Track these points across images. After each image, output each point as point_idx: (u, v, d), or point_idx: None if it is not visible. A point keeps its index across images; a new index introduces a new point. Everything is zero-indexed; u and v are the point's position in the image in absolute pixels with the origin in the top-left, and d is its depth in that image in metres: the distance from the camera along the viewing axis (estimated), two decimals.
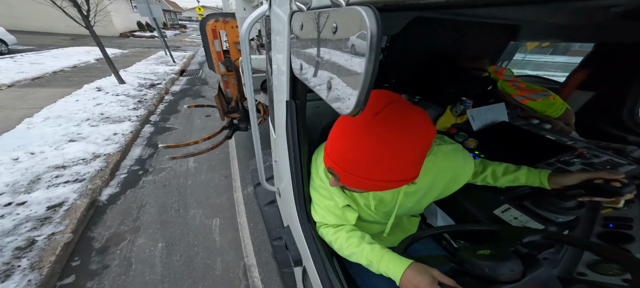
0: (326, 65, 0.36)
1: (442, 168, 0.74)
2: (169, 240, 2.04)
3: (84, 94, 4.71)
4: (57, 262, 1.73)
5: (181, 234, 2.10)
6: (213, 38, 2.32)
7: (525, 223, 0.85)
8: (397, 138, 0.49)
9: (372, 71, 0.26)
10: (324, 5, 0.40)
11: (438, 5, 0.41)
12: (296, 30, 0.49)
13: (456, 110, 1.41)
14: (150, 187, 2.60)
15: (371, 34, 0.25)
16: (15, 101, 4.39)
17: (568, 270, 0.86)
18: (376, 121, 0.49)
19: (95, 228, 2.10)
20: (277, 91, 0.79)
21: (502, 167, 0.87)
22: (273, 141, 1.09)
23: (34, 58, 7.40)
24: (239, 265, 1.88)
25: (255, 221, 2.27)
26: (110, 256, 1.88)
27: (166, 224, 2.18)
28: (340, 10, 0.31)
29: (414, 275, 0.56)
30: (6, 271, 1.55)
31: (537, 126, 1.38)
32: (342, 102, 0.32)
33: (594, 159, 1.02)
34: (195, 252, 1.96)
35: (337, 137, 0.57)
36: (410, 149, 0.51)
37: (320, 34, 0.36)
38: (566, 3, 0.68)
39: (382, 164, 0.51)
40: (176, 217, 2.26)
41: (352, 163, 0.54)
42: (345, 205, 0.73)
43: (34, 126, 3.38)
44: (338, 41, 0.32)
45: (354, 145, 0.52)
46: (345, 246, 0.70)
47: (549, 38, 1.63)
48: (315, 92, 0.41)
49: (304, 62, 0.45)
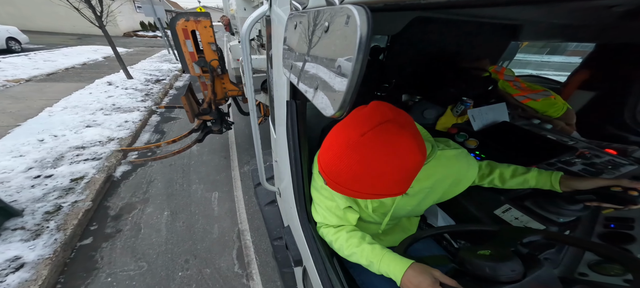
0: (314, 65, 0.35)
1: (444, 174, 0.74)
2: (173, 209, 2.36)
3: (96, 87, 5.11)
4: (79, 225, 2.05)
5: (184, 205, 2.42)
6: (185, 38, 2.18)
7: (526, 223, 0.85)
8: (379, 160, 0.49)
9: (359, 72, 0.25)
10: (319, 5, 0.40)
11: (438, 5, 0.40)
12: (291, 29, 0.49)
13: (457, 110, 1.41)
14: (158, 166, 2.93)
15: (360, 33, 0.24)
16: (35, 93, 4.80)
17: (569, 270, 0.86)
18: (361, 141, 0.50)
19: (110, 198, 2.45)
20: (278, 91, 0.79)
21: (511, 169, 0.84)
22: (273, 141, 1.09)
23: (47, 56, 7.84)
24: (233, 230, 2.18)
25: (250, 195, 2.59)
26: (122, 222, 2.20)
27: (171, 196, 2.52)
28: (333, 10, 0.30)
29: (415, 275, 0.56)
30: (37, 230, 1.89)
31: (538, 126, 1.37)
32: (327, 103, 0.31)
33: (595, 160, 1.01)
34: (196, 219, 2.26)
35: (326, 147, 0.58)
36: (391, 172, 0.51)
37: (312, 33, 0.36)
38: (567, 3, 0.68)
39: (362, 182, 0.52)
40: (180, 191, 2.60)
41: (335, 175, 0.55)
42: (346, 206, 0.73)
43: (54, 114, 3.82)
44: (329, 40, 0.31)
45: (338, 160, 0.53)
46: (346, 247, 0.70)
47: (550, 38, 1.63)
48: (302, 92, 0.40)
49: (294, 62, 0.45)
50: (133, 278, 1.77)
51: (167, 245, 2.02)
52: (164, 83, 5.85)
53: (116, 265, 1.85)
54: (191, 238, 2.09)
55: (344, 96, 0.27)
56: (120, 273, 1.79)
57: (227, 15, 5.69)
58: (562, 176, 0.77)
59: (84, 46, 10.26)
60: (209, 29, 2.19)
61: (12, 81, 5.22)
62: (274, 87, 0.84)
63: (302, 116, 0.72)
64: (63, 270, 1.78)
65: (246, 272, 1.87)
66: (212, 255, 1.97)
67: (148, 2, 7.59)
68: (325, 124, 1.11)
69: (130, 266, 1.84)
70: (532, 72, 2.37)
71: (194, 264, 1.90)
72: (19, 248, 1.74)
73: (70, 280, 1.72)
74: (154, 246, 2.00)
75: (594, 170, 0.95)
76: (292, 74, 0.47)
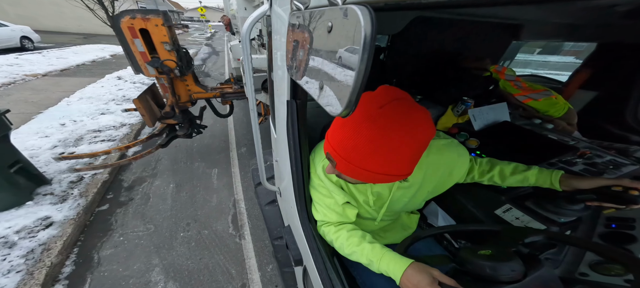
0: (319, 64, 0.35)
1: (435, 163, 0.74)
2: (178, 182, 2.73)
3: (107, 81, 5.65)
4: (98, 194, 2.43)
5: (187, 179, 2.79)
6: (132, 37, 1.99)
7: (527, 223, 0.85)
8: (398, 131, 0.51)
9: (365, 71, 0.26)
10: (321, 5, 0.40)
11: (439, 4, 0.40)
12: (294, 29, 0.49)
13: (457, 110, 1.41)
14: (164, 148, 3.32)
15: (365, 33, 0.24)
16: (52, 86, 5.36)
17: (570, 271, 0.86)
18: (380, 113, 0.51)
19: (124, 173, 2.84)
20: (278, 91, 0.79)
21: (511, 167, 0.85)
22: (274, 141, 1.09)
23: (59, 54, 8.44)
24: (229, 199, 2.52)
25: (245, 171, 2.95)
26: (134, 192, 2.57)
27: (176, 172, 2.90)
28: (336, 9, 0.30)
29: (414, 275, 0.56)
30: (63, 196, 2.28)
31: (539, 126, 1.37)
32: (333, 103, 0.31)
33: (596, 160, 1.01)
34: (197, 191, 2.62)
35: (340, 125, 0.58)
36: (408, 144, 0.52)
37: (316, 33, 0.36)
38: (568, 2, 0.67)
39: (379, 155, 0.53)
40: (184, 167, 2.98)
41: (350, 151, 0.55)
42: (344, 202, 0.74)
43: (72, 103, 4.35)
44: (333, 40, 0.31)
45: (355, 133, 0.53)
46: (346, 245, 0.70)
47: (552, 37, 1.63)
48: (307, 91, 0.40)
49: (298, 62, 0.45)
50: (141, 238, 2.07)
51: (171, 211, 2.34)
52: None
53: (128, 227, 2.16)
54: (193, 205, 2.41)
55: (350, 96, 0.27)
56: (131, 233, 2.10)
57: (228, 15, 5.69)
58: (562, 175, 0.77)
59: (91, 45, 10.74)
60: (161, 28, 2.00)
61: (31, 75, 5.74)
62: (274, 87, 0.84)
63: (303, 115, 0.72)
64: (83, 230, 2.12)
65: (239, 233, 2.15)
66: (210, 219, 2.27)
67: (152, 2, 7.96)
68: (325, 124, 1.11)
69: (140, 228, 2.16)
70: (534, 72, 2.36)
71: (194, 227, 2.19)
72: (49, 210, 2.09)
73: (89, 238, 2.06)
74: (160, 212, 2.33)
75: (595, 170, 0.95)
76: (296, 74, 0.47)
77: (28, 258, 1.73)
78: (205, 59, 9.96)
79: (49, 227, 1.96)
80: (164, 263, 1.89)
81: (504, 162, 0.87)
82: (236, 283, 1.78)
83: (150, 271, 1.83)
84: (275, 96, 0.86)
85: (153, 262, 1.89)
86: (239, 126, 4.02)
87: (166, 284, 1.75)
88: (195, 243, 2.04)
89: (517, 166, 0.84)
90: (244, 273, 1.83)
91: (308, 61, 0.39)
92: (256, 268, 1.88)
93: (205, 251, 1.99)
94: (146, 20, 1.94)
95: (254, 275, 1.83)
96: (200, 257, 1.95)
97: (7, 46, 8.24)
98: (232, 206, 2.44)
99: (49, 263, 1.72)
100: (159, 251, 1.97)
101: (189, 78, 2.47)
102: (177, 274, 1.81)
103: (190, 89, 2.53)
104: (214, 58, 10.21)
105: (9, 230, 1.89)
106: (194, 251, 1.99)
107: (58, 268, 1.78)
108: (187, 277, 1.80)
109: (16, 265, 1.67)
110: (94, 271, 1.80)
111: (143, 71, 2.16)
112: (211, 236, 2.11)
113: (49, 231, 1.92)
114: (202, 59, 9.93)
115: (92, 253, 1.94)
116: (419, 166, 0.71)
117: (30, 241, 1.83)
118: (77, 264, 1.85)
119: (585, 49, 1.59)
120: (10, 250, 1.76)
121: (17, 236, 1.86)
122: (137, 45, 2.03)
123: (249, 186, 2.68)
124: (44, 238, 1.86)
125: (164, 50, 2.09)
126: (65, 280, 1.72)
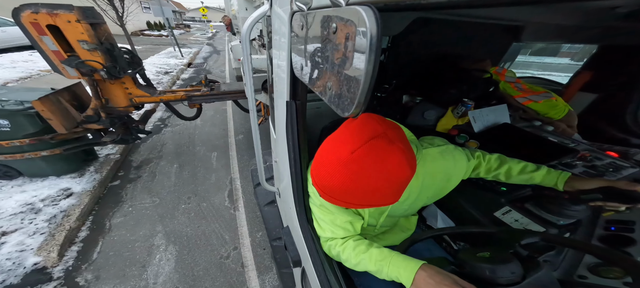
0: (326, 65, 0.35)
1: (431, 171, 0.74)
2: (181, 163, 3.05)
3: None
4: (111, 170, 2.74)
5: (190, 160, 3.12)
6: (39, 33, 1.72)
7: (526, 225, 0.85)
8: (370, 176, 0.51)
9: (372, 72, 0.26)
10: (324, 5, 0.40)
11: (439, 5, 0.40)
12: (296, 30, 0.49)
13: (457, 111, 1.41)
14: (169, 134, 3.76)
15: (371, 34, 0.24)
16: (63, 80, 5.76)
17: (568, 273, 0.85)
18: (351, 159, 0.50)
19: (133, 155, 3.19)
20: (278, 91, 0.79)
21: (520, 167, 0.83)
22: (273, 141, 1.09)
23: None
24: (227, 177, 2.84)
25: (242, 154, 3.26)
26: (142, 170, 2.89)
27: (180, 154, 3.24)
28: (340, 10, 0.30)
29: (433, 275, 0.54)
30: (80, 171, 2.58)
31: (539, 128, 1.37)
32: (342, 103, 0.31)
33: (596, 162, 1.01)
34: (198, 170, 2.93)
35: (318, 163, 0.59)
36: (383, 187, 0.52)
37: (320, 34, 0.36)
38: (569, 3, 0.67)
39: (355, 195, 0.54)
40: (187, 151, 3.33)
41: (329, 189, 0.56)
42: (353, 214, 0.74)
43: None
44: (338, 41, 0.31)
45: (330, 176, 0.55)
46: (354, 255, 0.68)
47: (552, 39, 1.63)
48: (315, 93, 0.40)
49: (304, 63, 0.45)
50: (148, 208, 2.36)
51: (175, 187, 2.65)
52: (172, 75, 6.80)
53: (136, 199, 2.47)
54: (194, 182, 2.73)
55: (359, 97, 0.28)
56: (139, 204, 2.41)
57: (229, 15, 5.69)
58: (569, 176, 0.76)
59: None
60: (75, 24, 1.72)
61: (45, 70, 5.99)
62: (274, 88, 0.84)
63: (302, 116, 0.72)
64: (98, 201, 2.42)
65: (234, 205, 2.43)
66: (209, 194, 2.57)
67: (157, 3, 8.39)
68: (325, 125, 1.11)
69: (147, 201, 2.45)
70: (534, 74, 2.36)
71: (194, 200, 2.48)
72: (70, 182, 2.42)
73: (102, 208, 2.35)
74: (165, 187, 2.63)
75: (595, 173, 0.95)
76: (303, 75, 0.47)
77: (51, 222, 1.98)
78: (206, 57, 10.27)
79: (69, 197, 2.25)
80: (166, 230, 2.14)
81: (514, 160, 0.85)
82: (229, 246, 2.00)
83: (154, 236, 2.07)
84: (275, 96, 0.85)
85: (157, 229, 2.14)
86: (238, 117, 4.36)
87: (167, 247, 1.98)
88: (195, 214, 2.30)
89: (526, 166, 0.83)
90: (236, 239, 2.08)
91: (314, 62, 0.39)
92: (247, 234, 2.12)
93: (203, 220, 2.24)
94: (53, 15, 1.68)
95: (245, 240, 2.06)
96: (198, 225, 2.19)
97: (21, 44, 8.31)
98: (228, 183, 2.74)
99: (68, 227, 1.96)
100: (162, 220, 2.23)
101: (127, 80, 2.19)
102: (177, 239, 2.05)
103: (131, 93, 2.27)
104: (215, 57, 10.37)
105: (35, 198, 2.19)
106: (193, 220, 2.24)
107: (75, 232, 2.03)
108: (185, 242, 2.03)
109: (41, 228, 1.93)
110: (106, 235, 2.06)
111: (62, 72, 1.93)
112: (209, 208, 2.39)
113: (69, 200, 2.22)
114: (203, 58, 10.23)
115: (104, 220, 2.21)
116: (416, 177, 0.70)
117: (53, 208, 2.11)
118: (91, 230, 2.11)
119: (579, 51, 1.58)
120: (36, 215, 2.04)
121: (42, 204, 2.14)
122: (48, 43, 1.79)
123: (245, 167, 3.01)
124: (65, 206, 2.15)
125: (82, 49, 1.85)
126: (81, 243, 1.98)
